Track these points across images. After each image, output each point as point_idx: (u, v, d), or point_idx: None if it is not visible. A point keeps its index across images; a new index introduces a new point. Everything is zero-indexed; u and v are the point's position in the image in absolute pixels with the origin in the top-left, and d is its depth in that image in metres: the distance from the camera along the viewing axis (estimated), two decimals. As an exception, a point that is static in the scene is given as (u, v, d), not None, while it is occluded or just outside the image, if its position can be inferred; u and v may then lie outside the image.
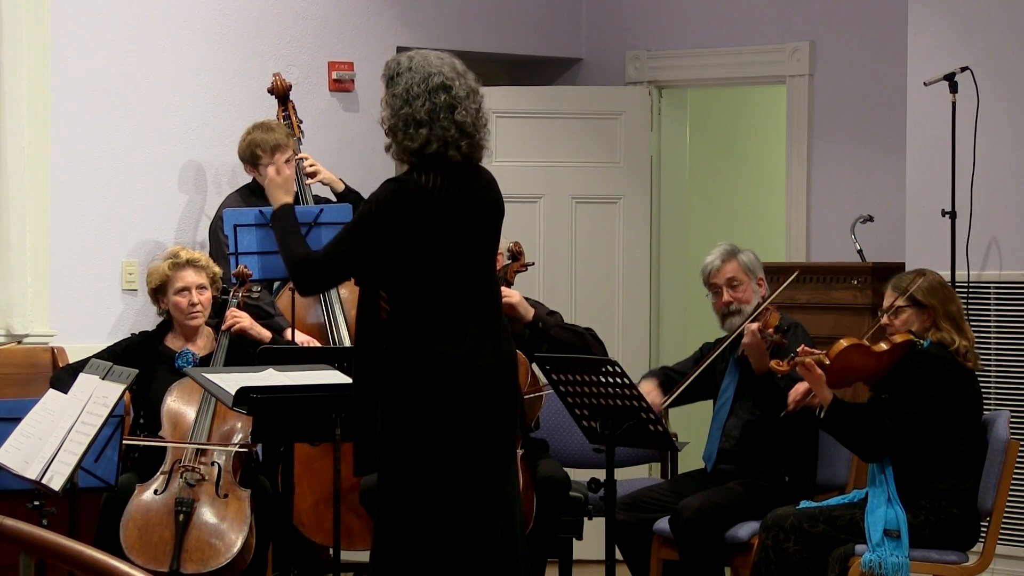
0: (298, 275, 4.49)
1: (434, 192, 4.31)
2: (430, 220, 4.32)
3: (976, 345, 5.48)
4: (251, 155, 6.59)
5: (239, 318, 6.03)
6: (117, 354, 5.94)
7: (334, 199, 6.77)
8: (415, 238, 4.31)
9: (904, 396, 5.33)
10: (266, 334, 6.09)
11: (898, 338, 5.40)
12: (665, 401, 5.83)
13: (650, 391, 5.85)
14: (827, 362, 5.35)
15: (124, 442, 5.44)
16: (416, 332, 4.32)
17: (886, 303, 5.49)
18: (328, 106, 7.41)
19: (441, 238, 4.33)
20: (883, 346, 5.39)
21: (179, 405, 5.90)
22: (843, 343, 5.38)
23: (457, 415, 4.32)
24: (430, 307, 4.33)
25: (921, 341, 5.41)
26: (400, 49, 7.59)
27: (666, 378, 6.02)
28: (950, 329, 5.40)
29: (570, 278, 7.82)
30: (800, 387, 5.51)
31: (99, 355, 5.93)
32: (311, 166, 6.72)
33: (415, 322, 4.33)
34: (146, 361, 5.98)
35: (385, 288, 4.37)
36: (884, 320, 5.49)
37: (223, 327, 5.99)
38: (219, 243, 6.51)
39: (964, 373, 5.39)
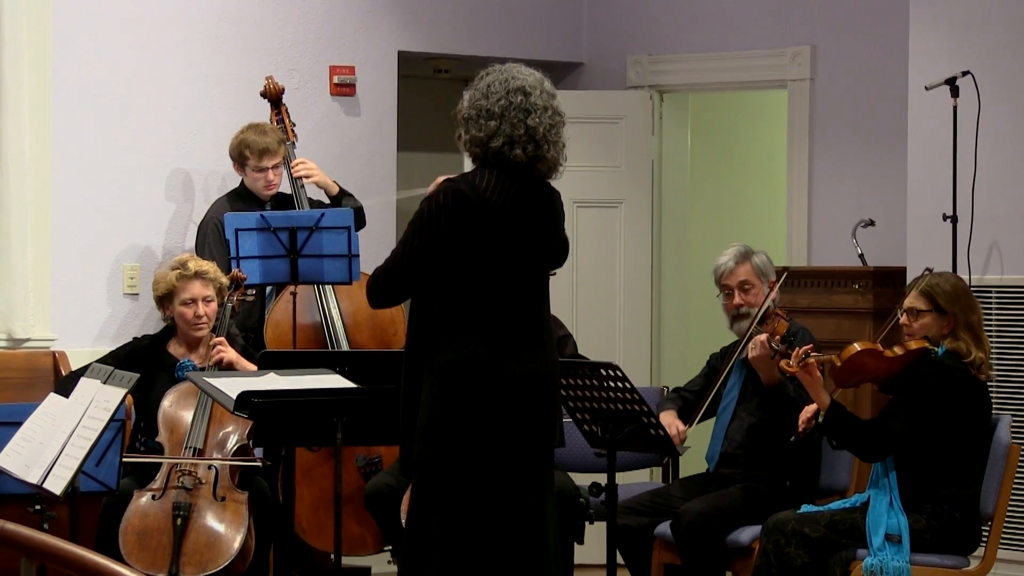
0: (367, 290, 4.53)
1: (486, 193, 4.36)
2: (480, 221, 4.35)
3: (981, 350, 5.46)
4: (239, 155, 6.61)
5: (224, 351, 6.01)
6: (121, 359, 5.94)
7: (328, 202, 6.77)
8: (465, 238, 4.34)
9: (912, 402, 5.31)
10: (251, 367, 5.99)
11: (912, 344, 5.37)
12: (688, 427, 5.84)
13: (671, 422, 5.87)
14: (838, 364, 5.33)
15: (124, 459, 5.44)
16: (457, 333, 4.35)
17: (907, 303, 5.45)
18: (329, 110, 7.41)
19: (490, 240, 4.36)
20: (896, 351, 5.36)
21: (175, 410, 5.90)
22: (857, 347, 5.35)
23: (491, 419, 4.34)
24: (473, 308, 4.37)
25: (935, 348, 5.38)
26: (401, 53, 7.61)
27: (684, 402, 6.02)
28: (968, 340, 5.36)
29: (571, 282, 7.81)
30: (810, 408, 5.50)
31: (104, 359, 5.93)
32: (305, 169, 6.70)
33: (457, 322, 4.36)
34: (149, 366, 5.98)
35: (433, 287, 4.39)
36: (902, 319, 5.46)
37: (211, 362, 5.98)
38: (207, 246, 6.51)
39: (976, 385, 5.35)
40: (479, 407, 4.35)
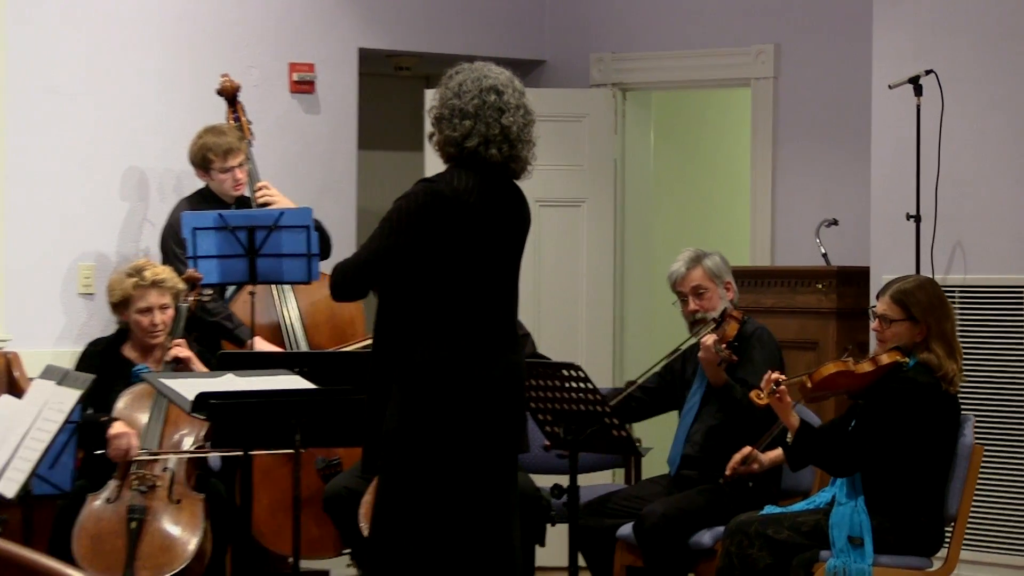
0: (331, 282, 4.47)
1: (464, 195, 4.32)
2: (458, 223, 4.31)
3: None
4: (202, 159, 6.52)
5: (180, 350, 5.94)
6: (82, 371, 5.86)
7: None
8: (442, 240, 4.29)
9: (881, 420, 5.25)
10: (204, 370, 5.94)
11: (884, 359, 5.30)
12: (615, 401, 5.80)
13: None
14: (809, 385, 5.28)
15: (96, 453, 5.38)
16: (429, 334, 4.30)
17: (880, 309, 5.39)
18: (289, 108, 7.35)
19: (467, 242, 4.32)
20: (867, 367, 5.29)
21: (130, 412, 5.84)
22: (831, 368, 5.28)
23: (464, 422, 4.30)
24: (446, 310, 4.32)
25: (906, 360, 5.33)
26: (362, 51, 7.55)
27: (633, 401, 5.98)
28: (941, 353, 5.29)
29: (534, 282, 7.77)
30: (737, 456, 5.56)
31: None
32: (267, 195, 6.61)
33: (429, 324, 4.31)
34: (105, 370, 5.90)
35: (404, 289, 4.34)
36: (873, 325, 5.42)
37: (166, 359, 5.91)
38: (172, 252, 6.42)
39: (945, 400, 5.30)
40: (450, 410, 4.30)
